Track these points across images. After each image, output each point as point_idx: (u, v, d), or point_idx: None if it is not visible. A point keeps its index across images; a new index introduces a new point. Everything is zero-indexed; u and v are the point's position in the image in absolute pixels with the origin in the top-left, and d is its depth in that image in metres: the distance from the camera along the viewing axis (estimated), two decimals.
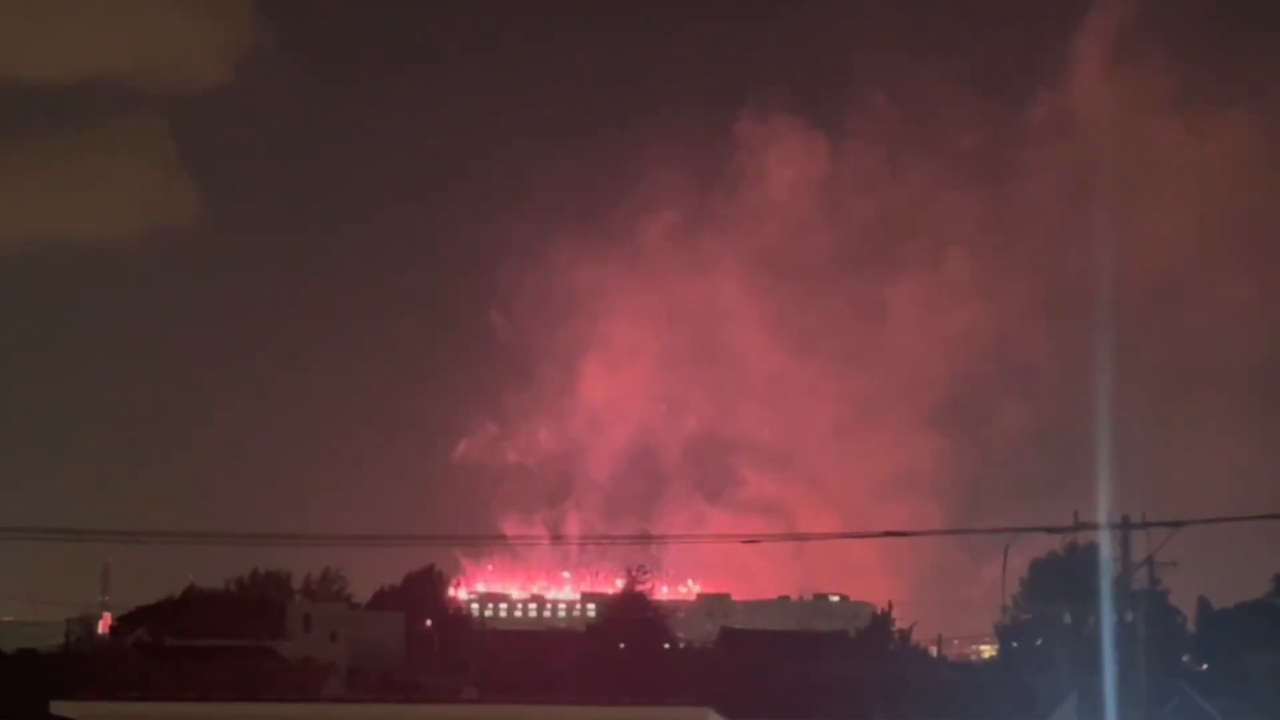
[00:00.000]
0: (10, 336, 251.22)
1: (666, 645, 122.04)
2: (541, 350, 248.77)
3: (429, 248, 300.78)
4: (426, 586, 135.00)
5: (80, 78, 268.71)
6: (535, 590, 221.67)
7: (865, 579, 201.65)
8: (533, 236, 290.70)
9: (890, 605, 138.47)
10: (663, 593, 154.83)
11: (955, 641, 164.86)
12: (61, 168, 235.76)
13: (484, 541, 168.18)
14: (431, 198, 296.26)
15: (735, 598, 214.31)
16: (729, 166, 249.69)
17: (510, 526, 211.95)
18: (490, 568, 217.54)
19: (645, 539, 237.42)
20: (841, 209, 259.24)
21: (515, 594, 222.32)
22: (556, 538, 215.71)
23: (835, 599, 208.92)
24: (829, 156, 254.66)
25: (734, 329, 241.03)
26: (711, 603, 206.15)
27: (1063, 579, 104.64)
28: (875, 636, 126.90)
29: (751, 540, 72.18)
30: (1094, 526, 54.77)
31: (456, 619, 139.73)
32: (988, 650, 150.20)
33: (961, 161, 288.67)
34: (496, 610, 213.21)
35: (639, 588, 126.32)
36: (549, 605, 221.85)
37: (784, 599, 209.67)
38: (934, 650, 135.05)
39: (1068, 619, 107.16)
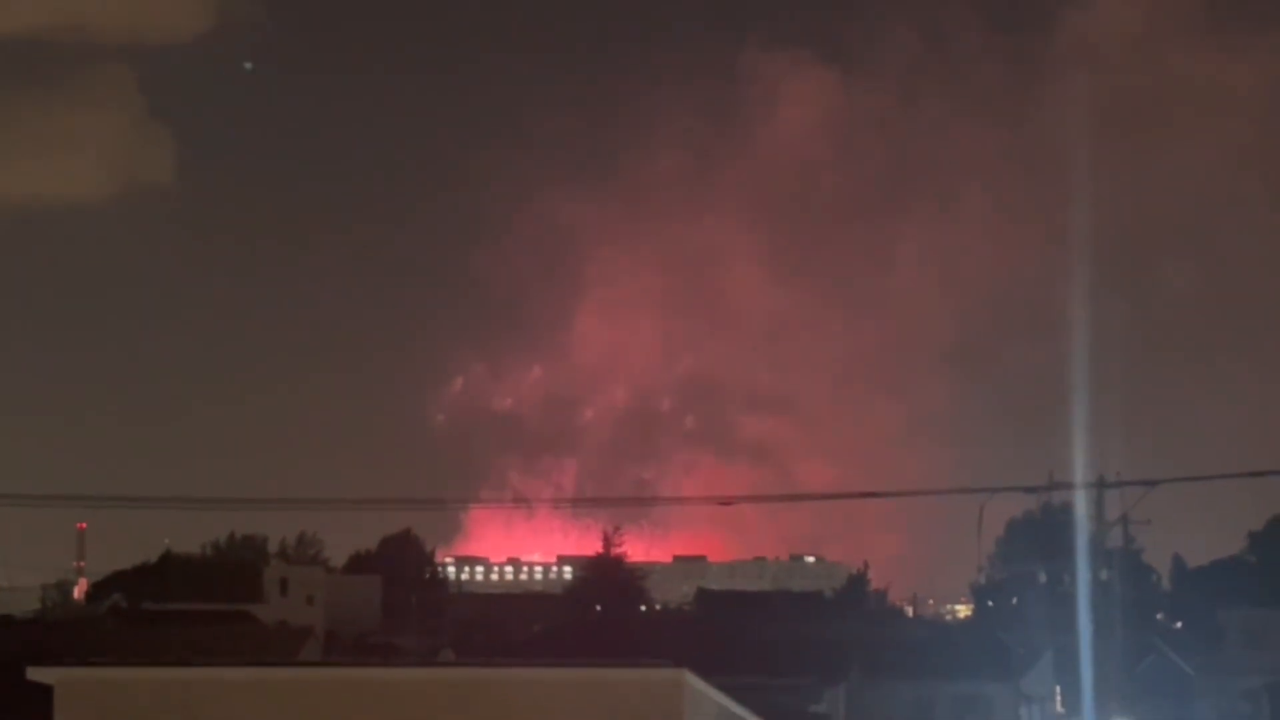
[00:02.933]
0: None
1: (643, 607, 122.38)
2: (536, 295, 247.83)
3: (417, 198, 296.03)
4: (403, 549, 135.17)
5: (42, 29, 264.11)
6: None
7: (855, 536, 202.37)
8: (530, 177, 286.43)
9: (866, 565, 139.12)
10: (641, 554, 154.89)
11: (931, 601, 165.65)
12: (28, 125, 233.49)
13: (457, 506, 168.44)
14: (420, 143, 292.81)
15: (711, 559, 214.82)
16: (734, 102, 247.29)
17: (499, 481, 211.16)
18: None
19: (625, 500, 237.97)
20: (853, 147, 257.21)
21: (492, 557, 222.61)
22: (522, 500, 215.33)
23: (811, 560, 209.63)
24: (840, 91, 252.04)
25: (737, 271, 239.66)
26: (687, 564, 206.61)
27: (1038, 538, 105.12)
28: (851, 596, 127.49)
29: (726, 502, 72.74)
30: (1069, 486, 54.99)
31: (433, 582, 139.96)
32: (963, 610, 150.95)
33: (980, 96, 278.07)
34: (473, 573, 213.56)
35: (615, 550, 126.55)
36: (525, 568, 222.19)
37: (760, 560, 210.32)
38: (909, 610, 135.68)
39: (1043, 578, 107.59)
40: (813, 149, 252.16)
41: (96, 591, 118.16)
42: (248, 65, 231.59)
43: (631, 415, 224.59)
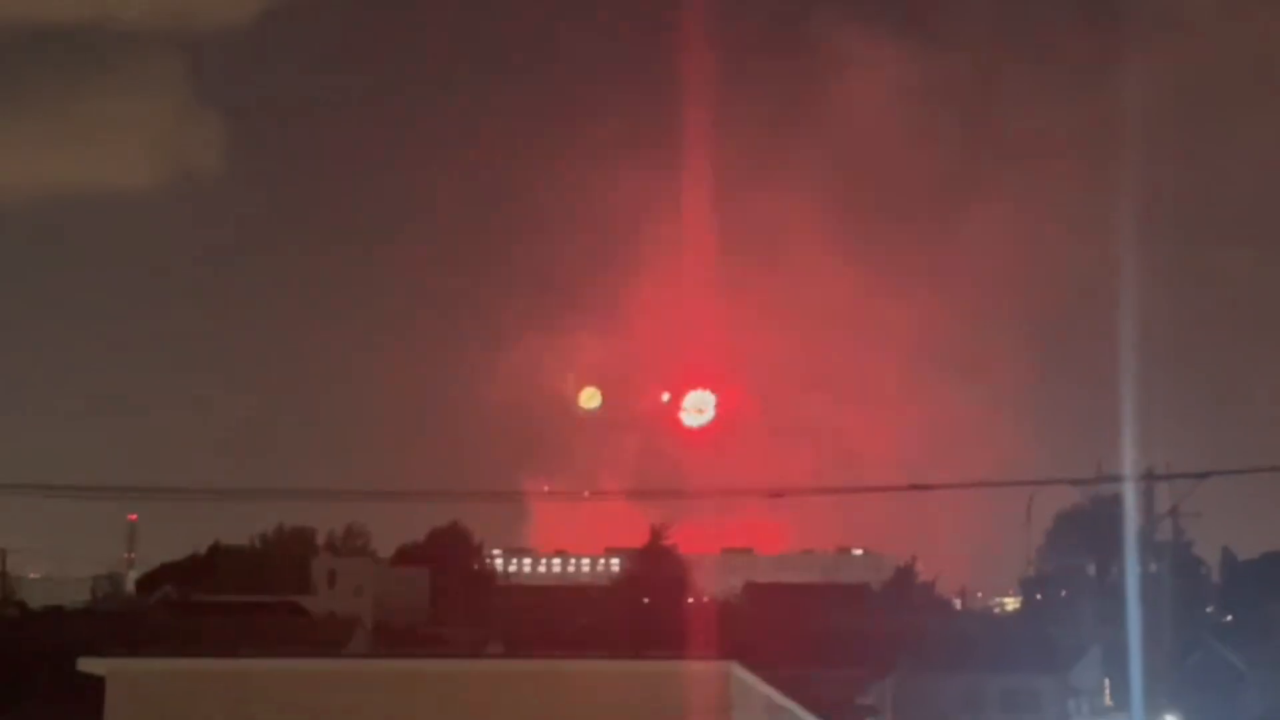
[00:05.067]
0: (30, 289, 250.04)
1: (690, 599, 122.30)
2: (594, 275, 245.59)
3: (471, 180, 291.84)
4: (451, 542, 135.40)
5: (90, 18, 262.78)
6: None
7: (904, 528, 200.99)
8: (590, 152, 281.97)
9: (914, 558, 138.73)
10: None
11: (979, 594, 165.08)
12: (75, 113, 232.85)
13: (505, 498, 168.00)
14: (467, 123, 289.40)
15: (759, 551, 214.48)
16: (803, 75, 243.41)
17: (549, 471, 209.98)
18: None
19: (672, 493, 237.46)
20: (926, 121, 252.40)
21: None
22: (569, 491, 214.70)
23: (859, 552, 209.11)
24: (914, 64, 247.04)
25: (803, 249, 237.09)
26: (735, 556, 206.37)
27: (1087, 531, 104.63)
28: (899, 589, 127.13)
29: (776, 495, 72.41)
30: (1118, 478, 54.71)
31: (480, 574, 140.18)
32: (1011, 603, 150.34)
33: (1060, 69, 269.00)
34: (521, 565, 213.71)
35: (664, 542, 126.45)
36: (573, 560, 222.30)
37: (808, 552, 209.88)
38: (958, 603, 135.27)
39: (1092, 571, 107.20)
40: (884, 123, 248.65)
41: (146, 583, 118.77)
42: None
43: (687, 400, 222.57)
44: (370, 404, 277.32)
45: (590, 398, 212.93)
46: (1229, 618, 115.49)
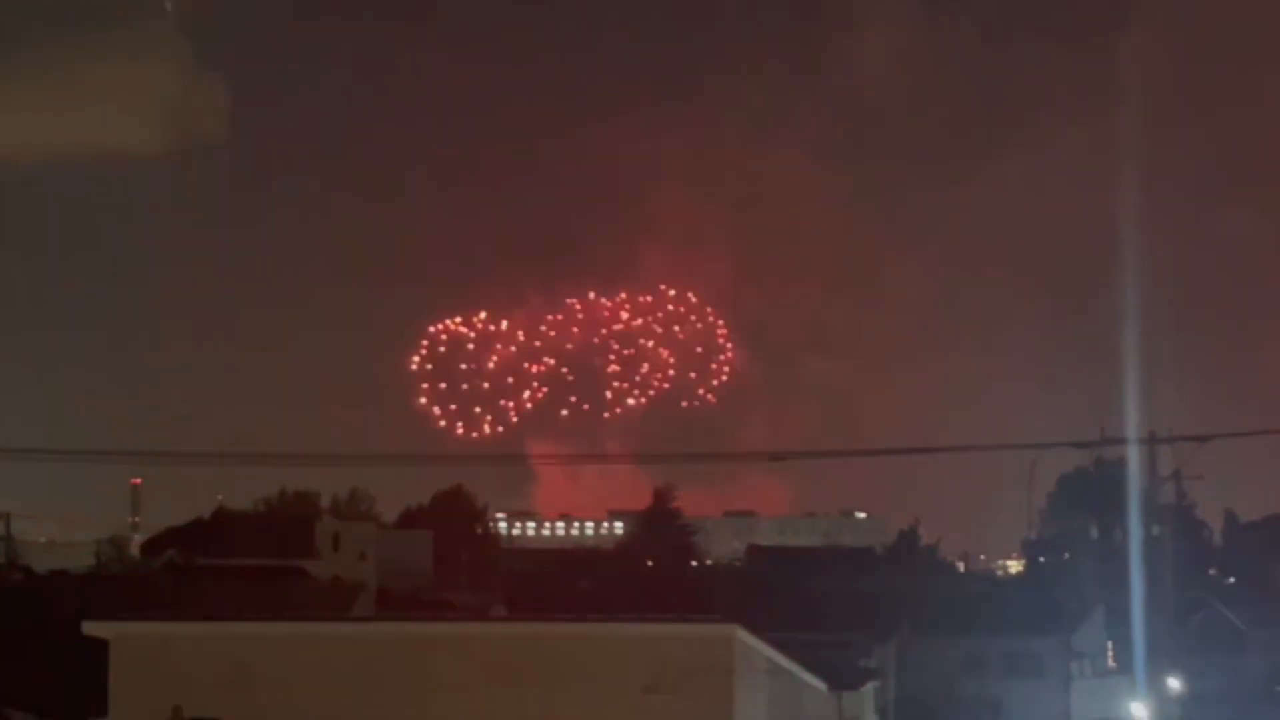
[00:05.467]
0: (32, 254, 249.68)
1: (694, 562, 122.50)
2: (599, 231, 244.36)
3: (474, 142, 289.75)
4: (455, 505, 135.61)
5: None
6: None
7: (907, 490, 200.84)
8: (595, 108, 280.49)
9: (917, 521, 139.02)
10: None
11: (982, 556, 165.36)
12: (73, 75, 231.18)
13: (507, 461, 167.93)
14: (477, 79, 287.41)
15: (761, 514, 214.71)
16: (810, 34, 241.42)
17: (552, 432, 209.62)
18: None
19: (674, 456, 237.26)
20: (935, 81, 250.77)
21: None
22: (572, 453, 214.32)
23: (862, 515, 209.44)
24: (923, 23, 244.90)
25: (810, 209, 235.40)
26: (738, 520, 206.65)
27: (1090, 493, 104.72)
28: (902, 552, 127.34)
29: (778, 458, 72.33)
30: (1121, 441, 54.73)
31: (484, 537, 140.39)
32: (1014, 565, 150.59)
33: (1068, 29, 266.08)
34: (525, 528, 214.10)
35: (668, 505, 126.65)
36: (576, 523, 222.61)
37: (811, 515, 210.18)
38: (960, 565, 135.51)
39: (1094, 533, 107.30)
40: (892, 82, 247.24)
41: (150, 547, 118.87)
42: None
43: (692, 358, 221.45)
44: (375, 365, 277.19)
45: None
46: (1231, 580, 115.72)
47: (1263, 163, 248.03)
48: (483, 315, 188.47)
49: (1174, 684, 56.87)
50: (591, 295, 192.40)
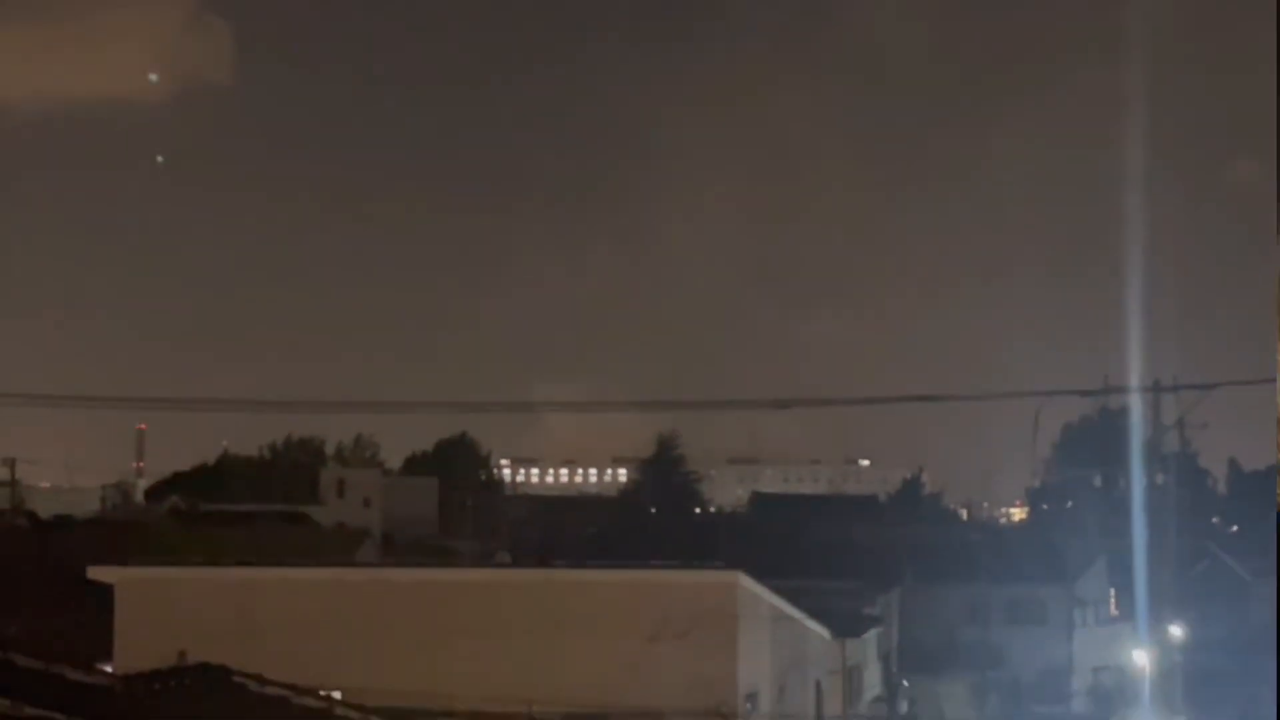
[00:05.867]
0: (33, 201, 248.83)
1: (697, 510, 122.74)
2: (604, 179, 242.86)
3: (480, 93, 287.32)
4: (459, 452, 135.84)
5: None
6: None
7: (911, 439, 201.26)
8: (599, 54, 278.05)
9: (921, 469, 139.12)
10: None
11: (985, 504, 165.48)
12: (74, 18, 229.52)
13: (511, 408, 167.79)
14: (487, 35, 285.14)
15: (766, 462, 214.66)
16: None
17: (557, 380, 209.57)
18: None
19: (679, 404, 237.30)
20: (947, 26, 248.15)
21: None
22: (576, 401, 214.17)
23: (866, 463, 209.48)
24: None
25: (818, 156, 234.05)
26: (742, 468, 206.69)
27: (1094, 442, 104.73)
28: (905, 500, 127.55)
29: (783, 406, 72.08)
30: (1124, 390, 54.71)
31: (488, 484, 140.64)
32: (1018, 514, 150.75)
33: None
34: (529, 475, 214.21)
35: (672, 452, 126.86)
36: (580, 470, 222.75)
37: (815, 463, 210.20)
38: (964, 513, 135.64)
39: (1098, 482, 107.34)
40: (903, 27, 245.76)
41: (155, 493, 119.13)
42: None
43: (698, 305, 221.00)
44: (380, 312, 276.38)
45: None
46: (1235, 528, 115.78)
47: (1275, 112, 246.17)
48: None
49: (1176, 632, 56.89)
50: None
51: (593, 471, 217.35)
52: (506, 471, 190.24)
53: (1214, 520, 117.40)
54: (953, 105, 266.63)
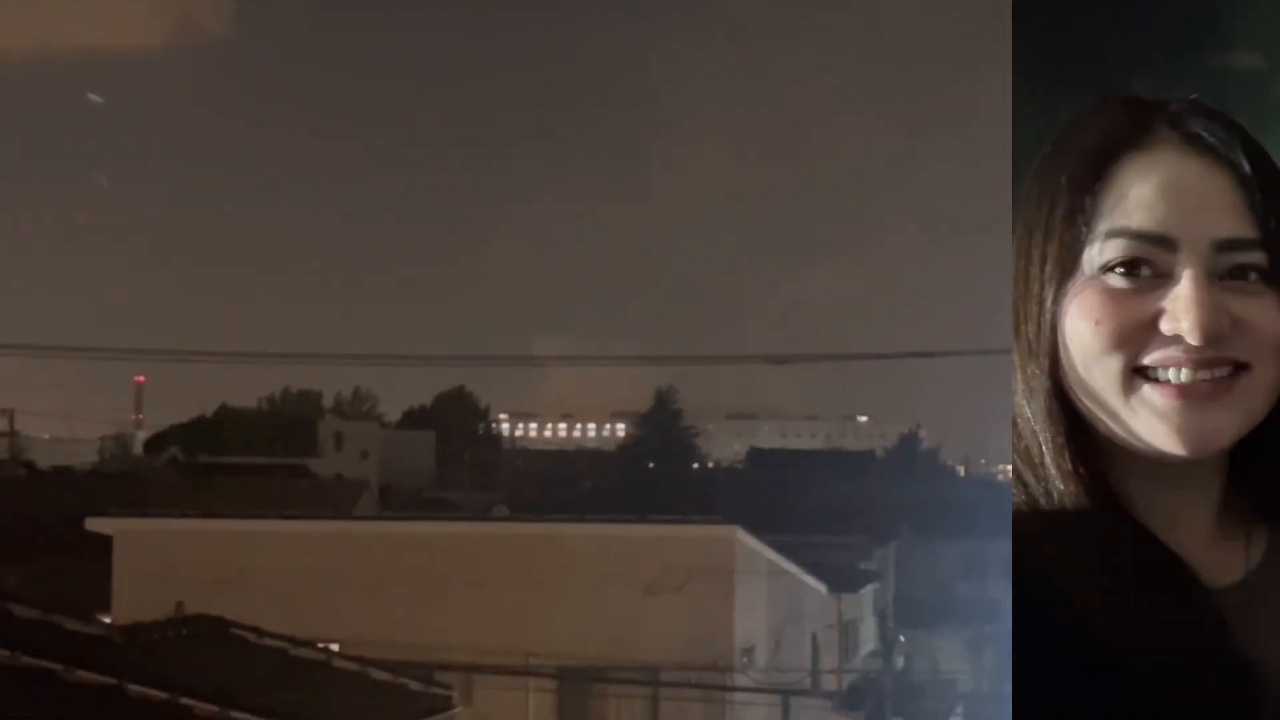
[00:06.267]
0: (30, 152, 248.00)
1: (695, 464, 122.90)
2: (607, 132, 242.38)
3: (481, 46, 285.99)
4: (458, 405, 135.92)
5: None
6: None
7: (908, 395, 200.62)
8: (603, 9, 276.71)
9: (918, 425, 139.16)
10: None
11: (983, 461, 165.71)
12: None
13: (510, 361, 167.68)
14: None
15: (763, 417, 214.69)
16: None
17: (555, 332, 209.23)
18: None
19: (677, 359, 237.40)
20: None
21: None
22: (573, 354, 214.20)
23: (864, 419, 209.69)
24: None
25: (820, 113, 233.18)
26: (739, 422, 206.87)
27: None
28: (903, 456, 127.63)
29: (781, 361, 72.07)
30: None
31: (486, 438, 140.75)
32: None
33: None
34: (527, 429, 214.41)
35: (670, 407, 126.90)
36: (579, 424, 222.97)
37: (812, 419, 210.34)
38: (961, 470, 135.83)
39: None
40: None
41: (154, 444, 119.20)
42: None
43: (697, 260, 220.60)
44: (381, 265, 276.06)
45: None
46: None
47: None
48: None
49: None
50: None
51: (591, 426, 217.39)
52: (505, 425, 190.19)
53: None
54: (954, 58, 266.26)
